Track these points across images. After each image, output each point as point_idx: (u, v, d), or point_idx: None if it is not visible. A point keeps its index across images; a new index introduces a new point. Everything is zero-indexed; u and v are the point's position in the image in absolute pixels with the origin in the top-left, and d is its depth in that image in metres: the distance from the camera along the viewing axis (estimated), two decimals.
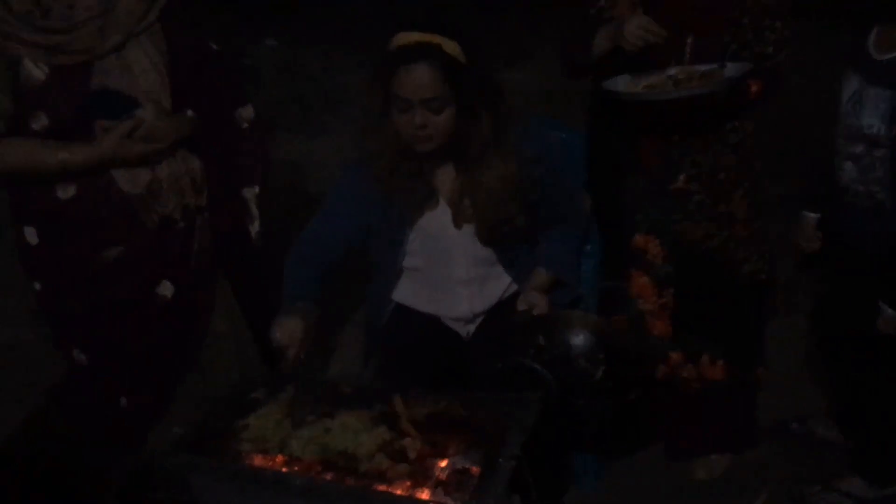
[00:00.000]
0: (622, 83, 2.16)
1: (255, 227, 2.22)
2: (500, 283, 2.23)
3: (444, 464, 1.70)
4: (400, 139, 2.01)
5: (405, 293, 2.25)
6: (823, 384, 2.70)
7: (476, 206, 2.09)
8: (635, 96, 2.12)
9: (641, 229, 2.34)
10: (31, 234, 2.08)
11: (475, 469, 1.68)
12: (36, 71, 1.96)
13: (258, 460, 1.75)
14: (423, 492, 1.64)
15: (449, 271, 2.19)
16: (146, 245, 2.07)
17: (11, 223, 2.12)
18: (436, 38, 1.94)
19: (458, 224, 2.13)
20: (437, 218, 2.14)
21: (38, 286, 2.15)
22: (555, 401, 1.87)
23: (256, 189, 2.22)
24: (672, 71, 2.14)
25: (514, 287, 2.22)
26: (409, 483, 1.66)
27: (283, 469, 1.72)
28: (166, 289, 2.12)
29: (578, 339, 2.01)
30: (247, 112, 2.19)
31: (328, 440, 1.73)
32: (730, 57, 2.14)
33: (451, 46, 1.95)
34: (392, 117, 1.99)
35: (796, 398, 2.75)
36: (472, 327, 2.25)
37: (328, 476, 1.68)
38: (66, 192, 2.01)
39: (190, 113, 2.08)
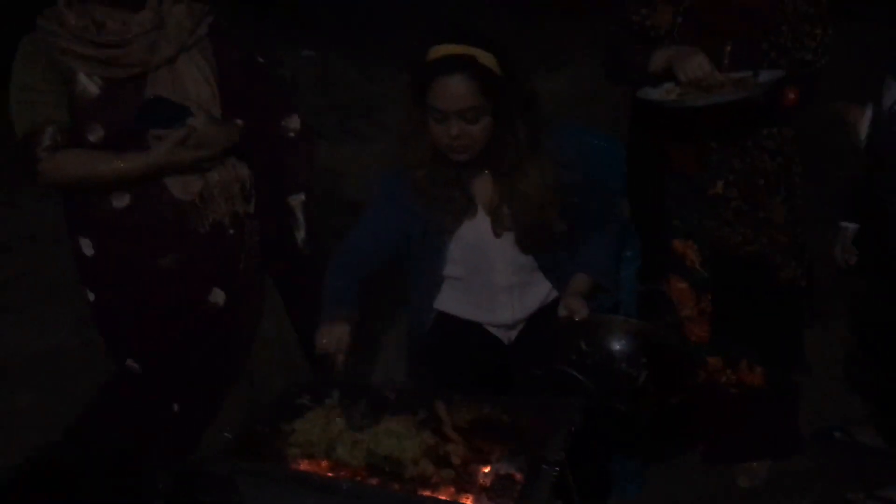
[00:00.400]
0: (657, 91, 2.17)
1: (300, 234, 2.26)
2: (541, 289, 2.24)
3: (487, 469, 1.72)
4: (436, 149, 2.03)
5: (447, 301, 2.26)
6: (866, 391, 2.67)
7: (514, 213, 2.10)
8: (668, 103, 2.13)
9: (679, 234, 2.35)
10: (86, 246, 2.13)
11: (518, 475, 1.68)
12: (90, 85, 2.01)
13: (304, 465, 1.78)
14: (467, 497, 1.65)
15: (490, 279, 2.20)
16: (198, 252, 2.11)
17: (68, 235, 2.17)
18: (470, 50, 1.96)
19: (497, 233, 2.15)
20: (476, 227, 2.16)
21: (92, 296, 2.20)
22: (596, 406, 1.88)
23: (302, 196, 2.26)
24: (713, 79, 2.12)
25: (555, 293, 2.23)
26: (453, 489, 1.67)
27: (329, 474, 1.74)
28: (217, 296, 2.16)
29: (620, 344, 2.02)
30: (293, 122, 2.23)
31: (373, 445, 1.75)
32: (769, 64, 2.14)
33: (485, 58, 1.97)
34: (428, 128, 2.02)
35: (839, 405, 2.73)
36: (513, 333, 2.26)
37: (374, 481, 1.70)
38: (121, 200, 2.07)
39: (239, 122, 2.13)
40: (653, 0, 2.25)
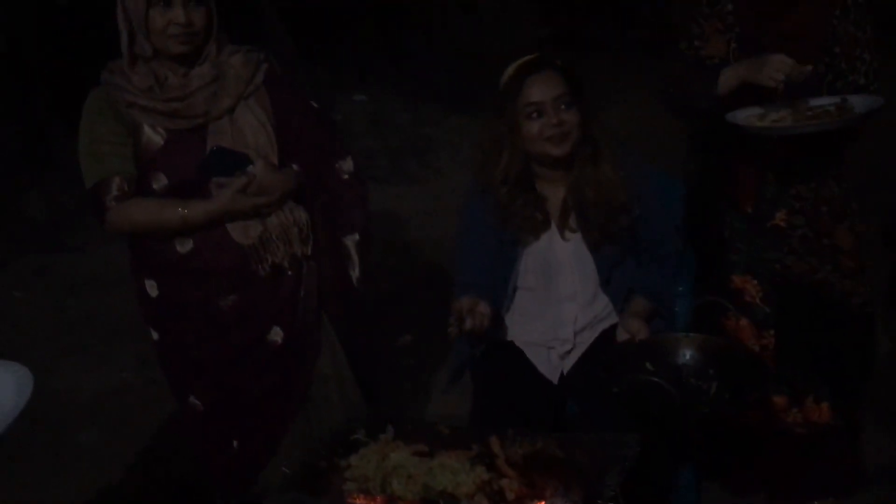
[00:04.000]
0: (743, 117, 2.16)
1: (356, 273, 2.30)
2: (601, 304, 2.27)
3: None
4: (519, 166, 2.17)
5: (514, 316, 2.31)
6: None
7: (583, 205, 2.18)
8: (775, 130, 2.12)
9: (739, 269, 2.34)
10: (151, 287, 2.20)
11: None
12: (155, 136, 2.10)
13: (360, 500, 1.80)
14: None
15: (556, 286, 2.26)
16: (258, 293, 2.16)
17: (133, 277, 2.25)
18: (545, 56, 2.20)
19: (565, 236, 2.22)
20: (548, 237, 2.24)
21: (156, 336, 2.26)
22: (676, 414, 1.91)
23: (357, 237, 2.29)
24: (792, 106, 2.13)
25: (614, 314, 2.25)
26: None
27: None
28: (277, 334, 2.20)
29: (686, 360, 2.03)
30: (347, 164, 2.28)
31: (429, 479, 1.76)
32: (827, 87, 2.14)
33: (557, 60, 2.20)
34: (513, 140, 2.16)
35: None
36: (568, 363, 2.26)
37: None
38: (185, 245, 2.13)
39: (295, 167, 2.19)
40: (703, 30, 2.27)
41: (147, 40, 2.05)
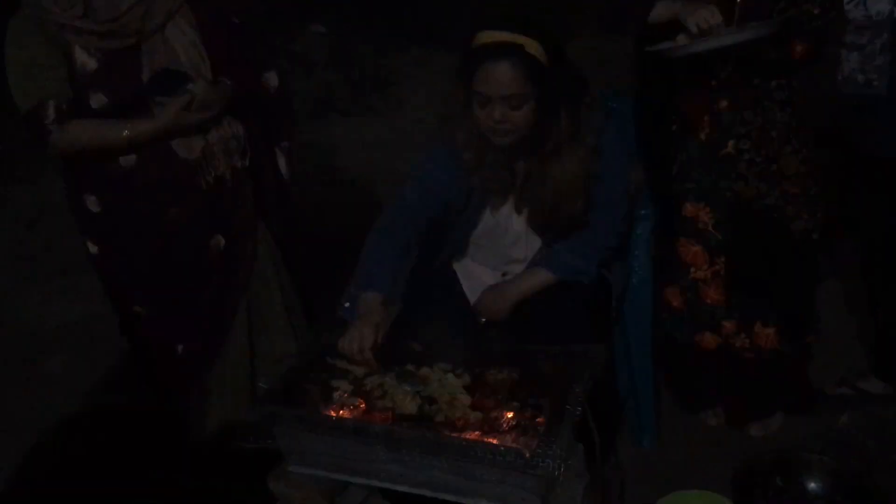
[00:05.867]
0: (668, 43, 2.17)
1: (287, 178, 2.42)
2: None
3: (511, 414, 1.80)
4: (480, 132, 2.08)
5: (466, 261, 2.36)
6: (868, 342, 2.74)
7: (539, 193, 2.15)
8: (671, 51, 2.13)
9: (692, 197, 2.37)
10: (92, 203, 2.25)
11: (542, 418, 1.77)
12: (89, 60, 2.11)
13: (338, 412, 1.86)
14: (492, 437, 1.73)
15: (506, 250, 2.29)
16: (202, 204, 2.25)
17: (70, 194, 2.29)
18: (519, 39, 1.99)
19: (518, 209, 2.22)
20: (507, 208, 2.23)
21: (94, 249, 2.32)
22: None
23: (286, 144, 2.41)
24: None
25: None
26: (479, 432, 1.76)
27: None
28: (218, 241, 2.30)
29: (815, 485, 2.12)
30: (272, 77, 2.35)
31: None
32: (779, 14, 2.15)
33: (533, 46, 1.99)
34: (472, 111, 2.05)
35: (845, 359, 2.78)
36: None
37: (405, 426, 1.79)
38: (128, 161, 2.18)
39: (227, 81, 2.23)
40: None
41: None
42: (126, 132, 2.11)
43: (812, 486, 2.13)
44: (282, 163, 2.42)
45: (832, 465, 2.14)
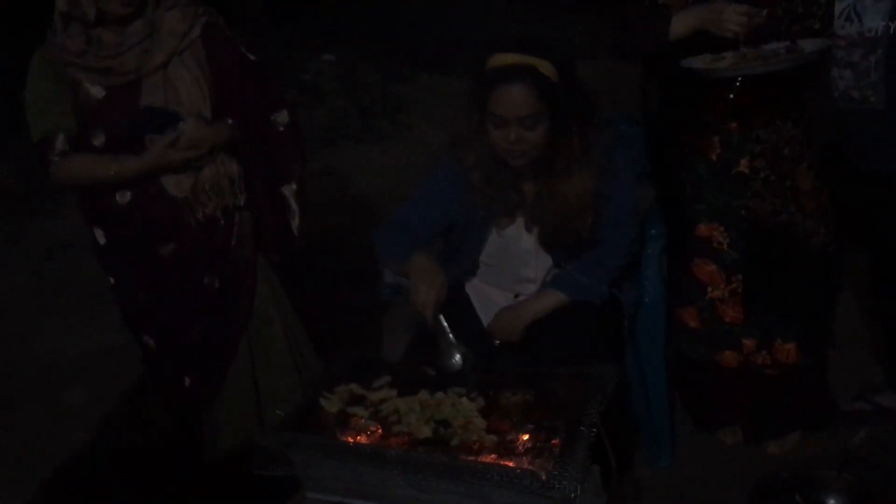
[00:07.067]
0: (699, 63, 2.17)
1: (295, 222, 2.42)
2: None
3: (526, 437, 1.79)
4: (494, 153, 2.11)
5: (477, 282, 2.37)
6: (885, 357, 2.71)
7: (548, 212, 2.17)
8: (720, 72, 2.12)
9: (704, 218, 2.37)
10: (99, 235, 2.32)
11: (557, 440, 1.76)
12: (94, 89, 2.17)
13: (354, 437, 1.86)
14: (508, 461, 1.72)
15: (518, 270, 2.30)
16: (193, 242, 2.29)
17: (86, 226, 2.36)
18: (531, 60, 2.03)
19: (529, 228, 2.24)
20: (516, 227, 2.25)
21: (112, 281, 2.39)
22: None
23: (294, 186, 2.40)
24: (745, 50, 2.14)
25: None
26: (495, 455, 1.75)
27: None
28: (212, 280, 2.33)
29: (835, 502, 2.11)
30: (282, 117, 2.37)
31: (435, 414, 1.86)
32: (784, 31, 2.17)
33: (545, 67, 2.03)
34: (486, 131, 2.09)
35: (863, 374, 2.77)
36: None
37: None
38: (124, 197, 2.24)
39: (230, 121, 2.27)
40: None
41: (93, 3, 2.09)
42: (114, 168, 2.18)
43: (831, 503, 2.13)
44: (290, 205, 2.41)
45: (851, 482, 2.12)
